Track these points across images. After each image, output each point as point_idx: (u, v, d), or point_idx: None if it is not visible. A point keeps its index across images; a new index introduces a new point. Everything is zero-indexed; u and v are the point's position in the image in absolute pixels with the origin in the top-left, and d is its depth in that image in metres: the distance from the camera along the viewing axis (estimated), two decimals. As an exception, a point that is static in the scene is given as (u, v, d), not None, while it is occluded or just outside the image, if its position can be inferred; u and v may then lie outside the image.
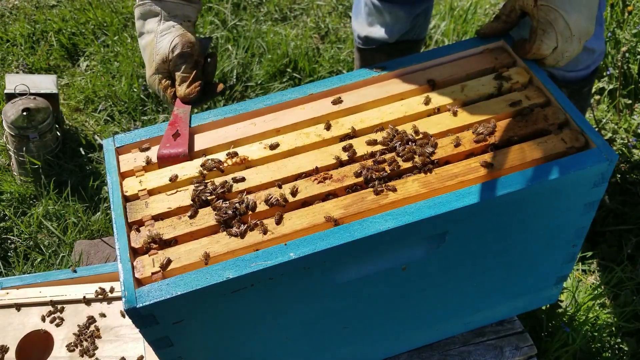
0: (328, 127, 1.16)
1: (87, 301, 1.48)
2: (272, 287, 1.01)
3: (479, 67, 1.24)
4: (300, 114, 1.19)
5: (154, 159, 1.15)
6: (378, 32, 1.96)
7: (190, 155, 1.15)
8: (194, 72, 1.21)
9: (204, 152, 1.16)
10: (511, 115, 1.16)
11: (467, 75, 1.24)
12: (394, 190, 1.05)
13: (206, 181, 1.10)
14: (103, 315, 1.45)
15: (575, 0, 1.14)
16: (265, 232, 1.02)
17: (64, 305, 1.48)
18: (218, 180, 1.09)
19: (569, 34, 1.16)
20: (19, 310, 1.47)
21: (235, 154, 1.13)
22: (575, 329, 1.70)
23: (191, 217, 1.05)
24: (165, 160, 1.14)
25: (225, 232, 1.02)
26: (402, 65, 1.25)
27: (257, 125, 1.18)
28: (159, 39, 1.21)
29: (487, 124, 1.14)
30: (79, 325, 1.44)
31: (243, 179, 1.09)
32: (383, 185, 1.06)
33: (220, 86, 1.26)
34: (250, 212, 1.04)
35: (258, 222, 1.03)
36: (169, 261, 1.00)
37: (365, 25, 1.99)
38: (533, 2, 1.18)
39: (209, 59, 1.26)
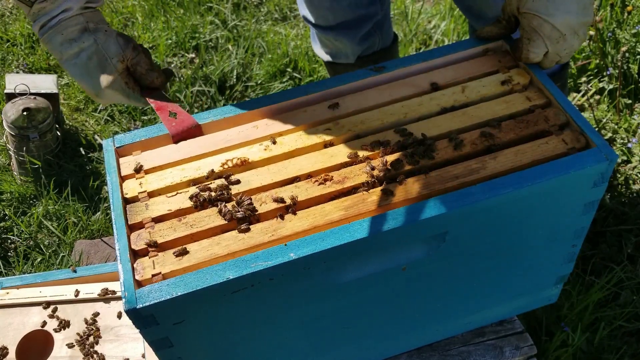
0: (328, 129, 1.16)
1: (87, 301, 1.48)
2: (272, 288, 1.01)
3: (483, 69, 1.24)
4: (302, 117, 1.19)
5: (145, 165, 1.15)
6: (336, 56, 1.95)
7: (190, 157, 1.15)
8: (151, 62, 1.21)
9: (205, 155, 1.16)
10: (512, 117, 1.16)
11: (470, 79, 1.23)
12: (400, 183, 1.06)
13: (206, 183, 1.10)
14: (103, 315, 1.45)
15: (559, 2, 1.11)
16: (266, 233, 1.02)
17: (64, 305, 1.48)
18: (219, 182, 1.09)
19: (559, 34, 1.14)
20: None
21: (235, 157, 1.13)
22: (575, 329, 1.70)
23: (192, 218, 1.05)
24: (181, 137, 1.16)
25: (227, 234, 1.02)
26: (402, 66, 1.25)
27: (259, 128, 1.18)
28: (104, 44, 1.15)
29: (487, 125, 1.14)
30: (78, 325, 1.44)
31: (242, 181, 1.09)
32: (387, 181, 1.06)
33: (169, 70, 1.27)
34: (252, 214, 1.04)
35: (260, 223, 1.03)
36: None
37: (322, 52, 1.99)
38: (517, 11, 1.17)
39: (144, 51, 1.25)
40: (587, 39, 1.17)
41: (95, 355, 1.39)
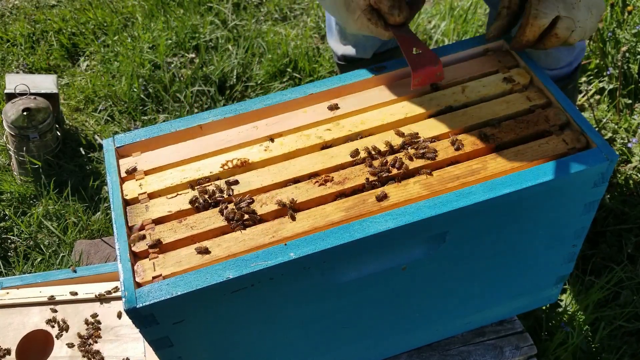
0: (328, 129, 1.16)
1: (87, 301, 1.48)
2: (272, 287, 1.01)
3: (483, 69, 1.24)
4: (303, 118, 1.19)
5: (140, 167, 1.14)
6: (352, 50, 1.95)
7: (190, 158, 1.14)
8: None
9: (204, 156, 1.15)
10: (512, 117, 1.16)
11: (470, 79, 1.23)
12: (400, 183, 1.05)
13: (206, 184, 1.10)
14: (103, 315, 1.45)
15: None
16: (266, 234, 1.02)
17: (64, 305, 1.48)
18: (219, 183, 1.09)
19: (575, 0, 1.09)
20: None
21: (236, 157, 1.13)
22: (575, 329, 1.70)
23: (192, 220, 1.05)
24: (421, 74, 1.17)
25: (227, 235, 1.02)
26: (402, 65, 1.25)
27: (259, 128, 1.18)
28: None
29: (488, 125, 1.14)
30: (78, 326, 1.44)
31: (243, 182, 1.09)
32: (384, 185, 1.06)
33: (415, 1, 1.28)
34: (253, 216, 1.04)
35: (260, 224, 1.03)
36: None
37: (339, 44, 1.98)
38: None
39: None
40: (594, 29, 1.10)
41: (95, 356, 1.39)
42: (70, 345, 1.42)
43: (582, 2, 1.10)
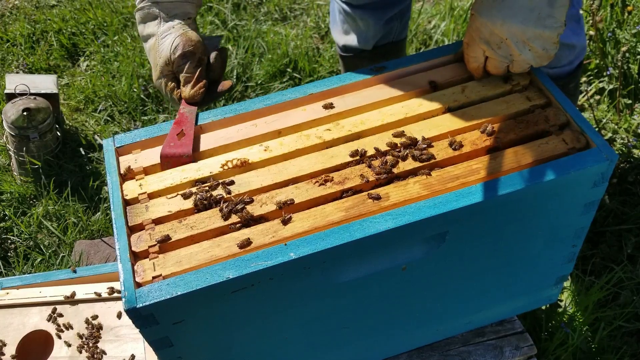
0: (328, 129, 1.16)
1: (87, 301, 1.48)
2: (272, 287, 1.01)
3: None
4: (302, 116, 1.19)
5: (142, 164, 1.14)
6: (354, 40, 1.97)
7: (193, 157, 1.14)
8: (198, 72, 1.20)
9: (204, 155, 1.15)
10: (512, 117, 1.16)
11: (469, 77, 1.23)
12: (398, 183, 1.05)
13: (206, 184, 1.10)
14: (103, 315, 1.45)
15: (504, 5, 1.08)
16: (267, 234, 1.01)
17: (64, 306, 1.48)
18: (219, 183, 1.09)
19: (499, 39, 1.11)
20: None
21: (236, 158, 1.13)
22: (575, 329, 1.70)
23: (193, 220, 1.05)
24: (168, 160, 1.13)
25: (227, 235, 1.02)
26: (402, 65, 1.25)
27: (258, 126, 1.18)
28: (160, 41, 1.20)
29: (488, 125, 1.14)
30: (79, 326, 1.44)
31: (243, 182, 1.09)
32: (382, 186, 1.06)
33: (227, 84, 1.25)
34: (252, 216, 1.04)
35: (260, 224, 1.03)
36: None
37: (341, 34, 2.00)
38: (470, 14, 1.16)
39: (215, 56, 1.24)
40: (550, 54, 1.13)
41: (95, 356, 1.39)
42: (70, 345, 1.42)
43: (509, 40, 1.11)
